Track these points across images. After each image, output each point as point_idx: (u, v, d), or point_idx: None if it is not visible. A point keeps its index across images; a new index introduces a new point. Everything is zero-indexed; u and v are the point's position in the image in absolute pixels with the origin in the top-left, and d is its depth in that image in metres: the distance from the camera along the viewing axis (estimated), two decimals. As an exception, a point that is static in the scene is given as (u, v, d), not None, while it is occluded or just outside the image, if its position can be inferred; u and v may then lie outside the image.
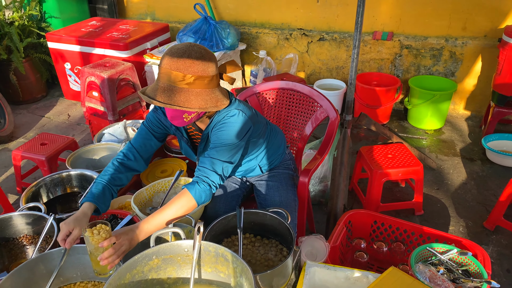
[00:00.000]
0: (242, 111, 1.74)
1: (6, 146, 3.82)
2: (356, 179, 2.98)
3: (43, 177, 2.04)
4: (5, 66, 4.32)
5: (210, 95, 1.63)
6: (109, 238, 1.40)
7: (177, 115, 1.63)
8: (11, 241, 1.81)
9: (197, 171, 1.69)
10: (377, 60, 4.13)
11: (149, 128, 1.87)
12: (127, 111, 3.54)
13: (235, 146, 1.73)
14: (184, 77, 1.55)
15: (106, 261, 1.39)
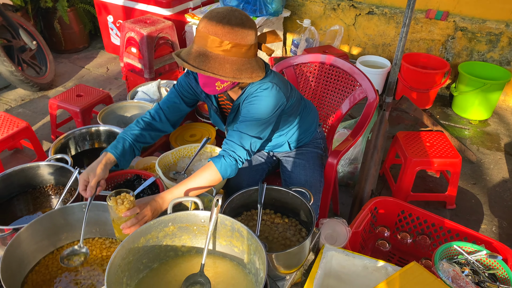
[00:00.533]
0: (276, 85, 1.67)
1: (45, 94, 3.91)
2: (388, 164, 2.87)
3: (73, 130, 2.06)
4: (50, 14, 4.37)
5: (246, 65, 1.56)
6: (133, 208, 1.40)
7: (209, 82, 1.57)
8: (38, 189, 1.85)
9: (224, 144, 1.65)
10: (427, 41, 3.89)
11: (179, 92, 1.83)
12: (163, 70, 3.52)
13: (265, 121, 1.66)
14: (221, 43, 1.48)
15: (128, 230, 1.40)
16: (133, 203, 1.41)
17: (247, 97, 1.68)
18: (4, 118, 2.73)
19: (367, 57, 3.98)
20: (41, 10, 4.40)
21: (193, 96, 1.86)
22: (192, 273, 1.36)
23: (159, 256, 1.42)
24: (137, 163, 2.04)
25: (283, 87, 1.71)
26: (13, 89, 3.95)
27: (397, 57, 2.35)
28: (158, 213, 1.50)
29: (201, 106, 2.80)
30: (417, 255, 2.12)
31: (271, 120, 1.69)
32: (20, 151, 3.10)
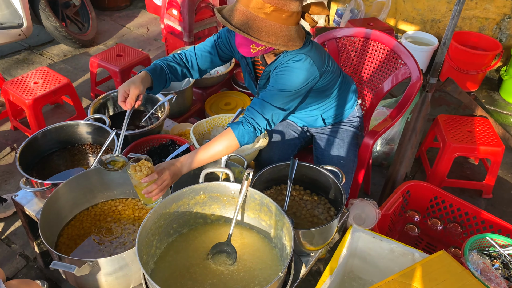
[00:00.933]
0: (310, 58, 1.61)
1: (86, 51, 3.98)
2: (425, 147, 2.78)
3: (112, 91, 2.09)
4: (95, -30, 4.38)
5: (284, 32, 1.51)
6: (151, 175, 1.41)
7: (244, 43, 1.53)
8: (76, 146, 1.91)
9: (246, 111, 1.63)
10: (480, 19, 3.66)
11: (217, 44, 1.82)
12: (202, 35, 3.49)
13: (292, 93, 1.62)
14: (263, 5, 1.43)
15: (149, 195, 1.42)
16: (151, 169, 1.43)
17: (278, 66, 1.64)
18: (47, 73, 2.81)
19: (413, 33, 3.80)
20: (86, -34, 4.42)
21: (229, 52, 1.84)
22: (219, 241, 1.40)
23: (188, 222, 1.45)
24: (172, 129, 2.07)
25: (318, 61, 1.65)
26: (56, 44, 4.03)
27: (447, 36, 2.22)
28: (177, 178, 1.51)
29: (238, 75, 2.78)
30: (446, 242, 2.08)
31: (299, 93, 1.65)
32: (60, 106, 3.20)
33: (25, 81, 2.73)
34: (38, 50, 3.93)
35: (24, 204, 1.74)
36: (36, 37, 4.08)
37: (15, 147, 2.82)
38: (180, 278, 1.29)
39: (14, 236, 2.20)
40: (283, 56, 1.64)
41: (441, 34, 3.85)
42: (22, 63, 3.73)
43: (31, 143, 1.76)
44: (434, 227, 2.08)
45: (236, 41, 1.58)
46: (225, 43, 1.80)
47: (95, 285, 1.37)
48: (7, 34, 3.33)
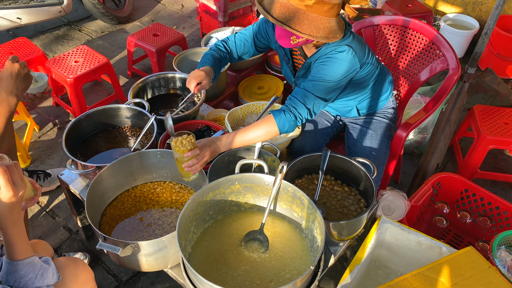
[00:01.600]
0: (352, 49, 1.62)
1: (123, 27, 4.05)
2: (459, 136, 2.75)
3: (150, 75, 2.15)
4: None
5: (325, 24, 1.52)
6: (193, 150, 1.49)
7: (285, 35, 1.57)
8: (117, 129, 2.00)
9: (288, 100, 1.66)
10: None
11: (255, 34, 1.86)
12: (237, 14, 3.49)
13: (334, 84, 1.64)
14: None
15: (189, 169, 1.50)
16: (193, 144, 1.50)
17: (320, 57, 1.66)
18: (87, 52, 2.90)
19: (453, 16, 3.68)
20: None
21: (267, 43, 1.88)
22: (252, 229, 1.46)
23: (223, 209, 1.53)
24: (207, 114, 2.12)
25: (360, 52, 1.66)
26: (94, 20, 4.12)
27: (489, 26, 2.15)
28: (215, 155, 1.59)
29: (272, 58, 2.79)
30: (475, 235, 2.09)
31: (340, 84, 1.67)
32: (99, 84, 3.30)
33: (66, 59, 2.83)
34: (76, 26, 4.03)
35: (69, 182, 1.86)
36: (74, 13, 4.17)
37: (57, 123, 2.95)
38: (215, 262, 1.37)
39: (58, 209, 2.35)
40: (325, 48, 1.66)
41: (482, 17, 3.71)
42: (62, 39, 3.84)
43: (75, 125, 1.86)
44: (463, 219, 2.09)
45: (276, 33, 1.61)
46: (263, 34, 1.83)
47: (136, 264, 1.48)
48: (48, 11, 3.43)
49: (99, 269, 2.06)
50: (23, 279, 1.07)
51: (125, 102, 1.97)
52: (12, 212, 1.04)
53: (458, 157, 2.66)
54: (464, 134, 2.73)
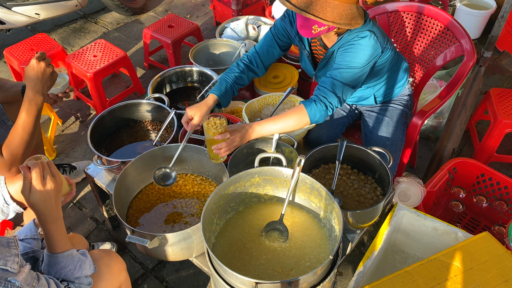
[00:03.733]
0: (374, 34, 1.66)
1: (138, 18, 4.09)
2: (475, 119, 2.74)
3: (168, 69, 2.21)
4: None
5: (347, 11, 1.55)
6: (224, 133, 1.56)
7: (306, 24, 1.59)
8: (138, 123, 2.07)
9: (316, 90, 1.69)
10: (545, -21, 3.42)
11: (275, 35, 1.90)
12: (250, 2, 3.50)
13: (359, 70, 1.67)
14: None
15: (218, 151, 1.58)
16: (225, 128, 1.57)
17: (343, 45, 1.69)
18: (105, 46, 2.96)
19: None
20: None
21: (287, 40, 1.91)
22: (272, 219, 1.53)
23: (244, 201, 1.59)
24: (225, 106, 2.17)
25: (381, 37, 1.70)
26: (109, 12, 4.17)
27: (506, 9, 2.13)
28: (246, 141, 1.65)
29: (287, 46, 2.81)
30: (491, 219, 2.12)
31: (365, 70, 1.70)
32: (117, 76, 3.38)
33: (85, 54, 2.89)
34: (92, 18, 4.09)
35: (95, 176, 1.94)
36: (90, 5, 4.23)
37: (79, 116, 3.05)
38: (238, 252, 1.44)
39: (84, 201, 2.46)
40: (347, 35, 1.69)
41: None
42: (79, 32, 3.91)
43: (99, 121, 1.93)
44: (479, 204, 2.12)
45: (298, 23, 1.64)
46: (282, 32, 1.87)
47: (163, 254, 1.56)
48: (65, 6, 3.50)
49: (126, 258, 2.16)
50: (63, 270, 1.15)
51: (143, 94, 2.04)
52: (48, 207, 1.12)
53: (474, 141, 2.67)
54: (480, 117, 2.73)
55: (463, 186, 2.17)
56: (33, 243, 1.30)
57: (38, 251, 1.30)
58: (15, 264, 0.96)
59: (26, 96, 1.64)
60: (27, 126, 1.64)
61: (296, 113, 1.65)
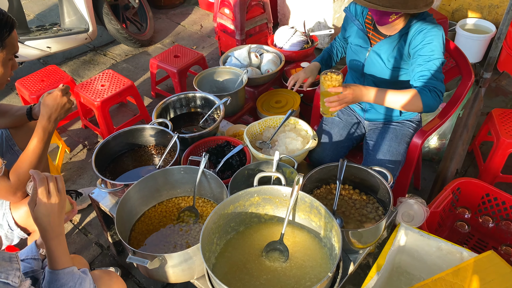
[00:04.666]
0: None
1: (145, 50, 4.22)
2: (479, 141, 2.74)
3: (172, 96, 2.26)
4: (151, -29, 4.60)
5: None
6: (337, 87, 1.66)
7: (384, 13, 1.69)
8: (142, 148, 2.11)
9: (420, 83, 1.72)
10: (543, 3, 3.48)
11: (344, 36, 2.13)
12: (254, 32, 3.60)
13: (442, 60, 1.74)
14: None
15: (329, 104, 1.70)
16: (339, 82, 1.67)
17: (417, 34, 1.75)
18: (112, 76, 3.05)
19: (469, 20, 3.68)
20: (143, -33, 4.64)
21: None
22: (272, 239, 1.53)
23: (244, 221, 1.60)
24: (227, 130, 2.21)
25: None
26: (118, 44, 4.31)
27: (502, 31, 2.17)
28: (357, 101, 1.73)
29: (288, 72, 2.87)
30: (498, 239, 2.08)
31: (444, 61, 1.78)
32: (124, 105, 3.46)
33: (93, 84, 2.98)
34: (102, 51, 4.23)
35: (99, 200, 1.97)
36: (99, 38, 4.38)
37: (87, 144, 3.11)
38: (238, 272, 1.44)
39: (89, 227, 2.47)
40: (420, 24, 1.76)
41: (499, 21, 3.70)
42: (88, 64, 4.04)
43: (104, 146, 1.97)
44: (485, 224, 2.09)
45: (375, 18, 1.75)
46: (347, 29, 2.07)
47: (164, 276, 1.56)
48: (75, 39, 3.63)
49: (130, 283, 2.16)
50: (64, 287, 1.16)
51: (150, 122, 2.08)
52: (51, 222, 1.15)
53: (479, 162, 2.66)
54: (484, 138, 2.72)
55: (468, 207, 2.15)
56: (34, 263, 1.32)
57: (38, 271, 1.31)
58: (16, 278, 0.98)
59: (40, 123, 1.71)
60: (38, 151, 1.70)
61: (411, 95, 1.70)
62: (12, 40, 1.56)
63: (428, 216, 1.92)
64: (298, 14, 3.90)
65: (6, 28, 1.52)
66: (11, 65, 1.64)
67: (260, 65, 2.83)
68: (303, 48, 3.02)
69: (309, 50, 3.02)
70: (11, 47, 1.58)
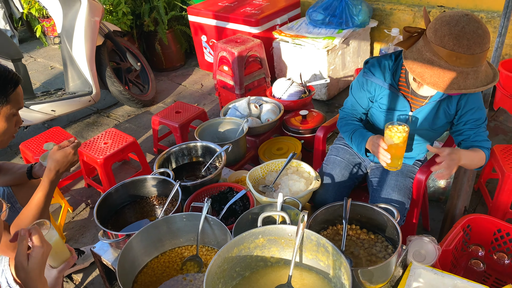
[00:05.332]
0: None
1: (148, 109, 4.32)
2: (484, 178, 2.71)
3: (174, 146, 2.28)
4: (152, 37, 4.82)
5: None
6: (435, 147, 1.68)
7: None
8: (144, 199, 2.09)
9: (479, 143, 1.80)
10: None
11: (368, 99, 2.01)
12: (252, 86, 3.70)
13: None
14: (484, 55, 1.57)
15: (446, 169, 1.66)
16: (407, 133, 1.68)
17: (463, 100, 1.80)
18: (115, 134, 3.10)
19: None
20: (144, 34, 4.88)
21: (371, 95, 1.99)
22: (280, 283, 1.46)
23: (250, 265, 1.54)
24: (229, 176, 2.21)
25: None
26: (121, 106, 4.42)
27: (492, 68, 2.23)
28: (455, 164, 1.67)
29: (288, 120, 2.91)
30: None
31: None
32: (127, 162, 3.48)
33: (96, 142, 3.02)
34: (105, 113, 4.33)
35: (101, 254, 1.92)
36: (103, 101, 4.50)
37: (89, 203, 3.09)
38: (246, 319, 1.37)
39: (91, 286, 2.39)
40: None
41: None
42: (92, 126, 4.12)
43: (106, 198, 1.96)
44: (500, 261, 2.01)
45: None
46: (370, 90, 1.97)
47: (168, 328, 1.48)
48: (79, 102, 3.73)
49: None
50: None
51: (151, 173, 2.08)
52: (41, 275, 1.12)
53: (486, 199, 2.61)
54: (489, 176, 2.70)
55: (481, 244, 2.08)
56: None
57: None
58: None
59: (47, 177, 1.73)
60: (41, 205, 1.71)
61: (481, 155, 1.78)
62: (16, 96, 1.61)
63: (440, 255, 1.85)
64: (294, 68, 4.03)
65: (11, 83, 1.57)
66: (16, 121, 1.68)
67: (260, 114, 2.88)
68: (301, 97, 3.09)
69: (307, 99, 3.08)
70: (16, 103, 1.62)
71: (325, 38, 3.72)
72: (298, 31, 3.95)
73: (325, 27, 3.90)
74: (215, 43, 3.69)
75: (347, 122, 2.03)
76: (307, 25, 4.05)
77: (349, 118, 2.05)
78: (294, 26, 4.07)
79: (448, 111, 1.84)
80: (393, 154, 1.74)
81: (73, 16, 3.60)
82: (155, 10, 4.69)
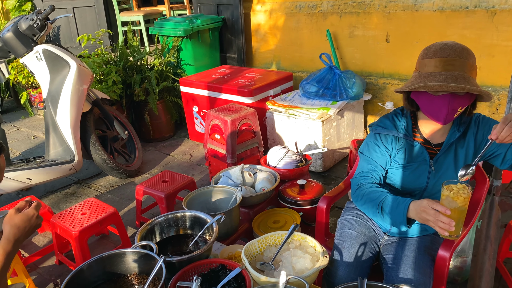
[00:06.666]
0: None
1: (132, 180, 4.07)
2: (502, 257, 2.46)
3: (159, 216, 2.02)
4: (142, 107, 4.72)
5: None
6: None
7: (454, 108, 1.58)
8: (122, 278, 1.78)
9: None
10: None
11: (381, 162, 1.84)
12: (245, 155, 3.53)
13: None
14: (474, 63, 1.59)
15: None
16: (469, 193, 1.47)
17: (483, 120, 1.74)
18: (94, 204, 2.82)
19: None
20: (134, 103, 4.78)
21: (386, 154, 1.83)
22: None
23: None
24: (221, 252, 1.93)
25: None
26: (104, 176, 4.17)
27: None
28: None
29: (284, 191, 2.70)
30: None
31: None
32: (106, 237, 3.15)
33: (73, 213, 2.73)
34: (86, 183, 4.06)
35: None
36: (85, 171, 4.26)
37: (58, 283, 2.71)
38: None
39: None
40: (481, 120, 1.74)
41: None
42: (71, 197, 3.82)
43: (76, 276, 1.65)
44: None
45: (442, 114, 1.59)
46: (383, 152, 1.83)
47: None
48: (59, 170, 3.48)
49: None
50: None
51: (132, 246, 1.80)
52: None
53: (507, 280, 2.34)
54: (507, 254, 2.45)
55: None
56: None
57: None
58: None
59: (3, 248, 1.44)
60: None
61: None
62: None
63: None
64: (288, 139, 3.90)
65: None
66: None
67: (254, 183, 2.67)
68: (298, 166, 2.90)
69: (304, 168, 2.90)
70: None
71: (319, 108, 3.64)
72: (291, 102, 3.88)
73: (318, 99, 3.85)
74: (207, 112, 3.57)
75: (369, 191, 1.75)
76: (300, 96, 4.00)
77: (368, 185, 1.78)
78: (287, 97, 4.02)
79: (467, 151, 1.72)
80: (456, 220, 1.48)
81: (61, 81, 3.47)
82: (147, 80, 4.65)
